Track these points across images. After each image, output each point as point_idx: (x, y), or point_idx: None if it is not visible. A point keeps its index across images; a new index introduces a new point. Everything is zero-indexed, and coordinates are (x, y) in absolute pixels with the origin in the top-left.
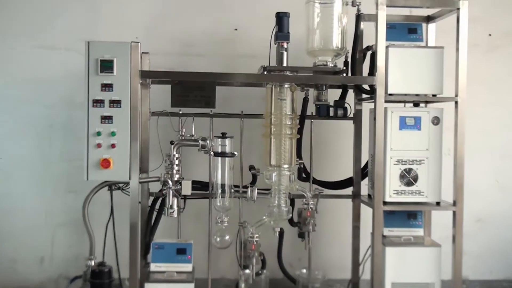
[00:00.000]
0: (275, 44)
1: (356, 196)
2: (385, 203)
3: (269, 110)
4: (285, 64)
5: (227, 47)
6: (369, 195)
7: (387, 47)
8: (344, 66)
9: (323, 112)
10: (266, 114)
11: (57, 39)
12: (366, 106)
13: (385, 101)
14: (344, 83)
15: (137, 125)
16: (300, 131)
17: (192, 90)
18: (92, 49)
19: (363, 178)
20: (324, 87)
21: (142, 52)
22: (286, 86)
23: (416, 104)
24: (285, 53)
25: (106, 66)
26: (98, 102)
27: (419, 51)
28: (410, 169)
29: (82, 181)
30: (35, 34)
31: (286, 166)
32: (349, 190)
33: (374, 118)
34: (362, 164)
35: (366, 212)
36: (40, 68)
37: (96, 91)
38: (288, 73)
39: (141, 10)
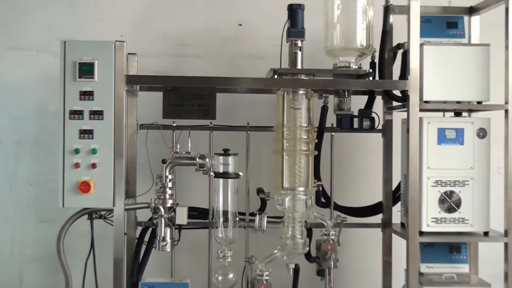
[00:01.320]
0: (288, 42)
1: (386, 225)
2: (421, 233)
3: (280, 121)
4: (299, 66)
5: (230, 46)
6: (402, 224)
7: (421, 44)
8: (371, 68)
9: (345, 123)
10: (277, 126)
11: (27, 38)
12: (398, 116)
13: (420, 110)
14: (371, 89)
15: (123, 140)
16: (318, 146)
17: (188, 98)
18: (69, 49)
19: (394, 203)
20: (346, 94)
21: (129, 53)
22: (301, 92)
23: (457, 113)
24: (299, 53)
25: (86, 70)
26: (76, 113)
27: (460, 50)
28: (452, 192)
29: (56, 208)
30: (1, 32)
31: (301, 189)
32: (378, 218)
33: (407, 131)
34: (394, 186)
35: (399, 244)
36: (6, 72)
37: (74, 100)
38: (303, 76)
39: (126, 3)
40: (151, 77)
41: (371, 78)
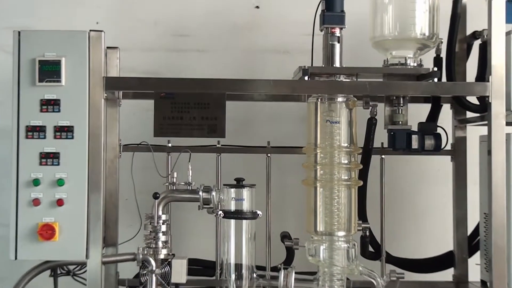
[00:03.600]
0: (322, 30)
1: (460, 284)
2: None
3: (312, 140)
4: (337, 64)
5: (243, 37)
6: (483, 282)
7: (508, 33)
8: (435, 65)
9: (400, 142)
10: (308, 147)
11: None
12: (474, 132)
13: (507, 124)
14: (436, 94)
15: (101, 167)
16: (363, 174)
17: (189, 108)
18: (26, 43)
19: (471, 254)
20: (401, 101)
21: (108, 47)
22: (340, 100)
23: None
24: (337, 46)
25: (49, 70)
26: (36, 130)
27: None
28: None
29: (7, 262)
30: None
31: (341, 233)
32: (448, 274)
33: (489, 152)
34: (470, 230)
35: None
36: None
37: (33, 111)
38: (342, 78)
39: None
40: (138, 79)
41: (436, 80)
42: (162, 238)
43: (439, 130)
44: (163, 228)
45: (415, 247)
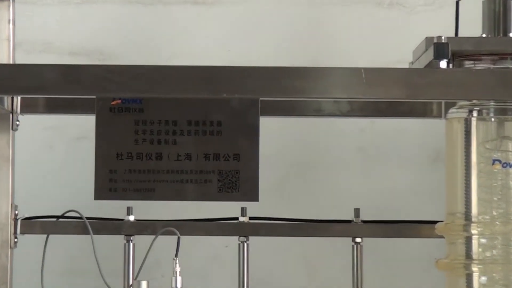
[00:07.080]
0: None
1: None
2: None
3: (460, 207)
4: None
5: None
6: None
7: None
8: None
9: None
10: (452, 221)
11: None
12: None
13: None
14: None
15: None
16: None
17: (174, 134)
18: None
19: None
20: None
21: None
22: None
23: None
24: None
25: None
26: None
27: None
28: None
29: None
30: None
31: None
32: None
33: None
34: None
35: None
36: None
37: None
38: None
39: None
40: (60, 69)
41: None
42: None
43: None
44: None
45: None
